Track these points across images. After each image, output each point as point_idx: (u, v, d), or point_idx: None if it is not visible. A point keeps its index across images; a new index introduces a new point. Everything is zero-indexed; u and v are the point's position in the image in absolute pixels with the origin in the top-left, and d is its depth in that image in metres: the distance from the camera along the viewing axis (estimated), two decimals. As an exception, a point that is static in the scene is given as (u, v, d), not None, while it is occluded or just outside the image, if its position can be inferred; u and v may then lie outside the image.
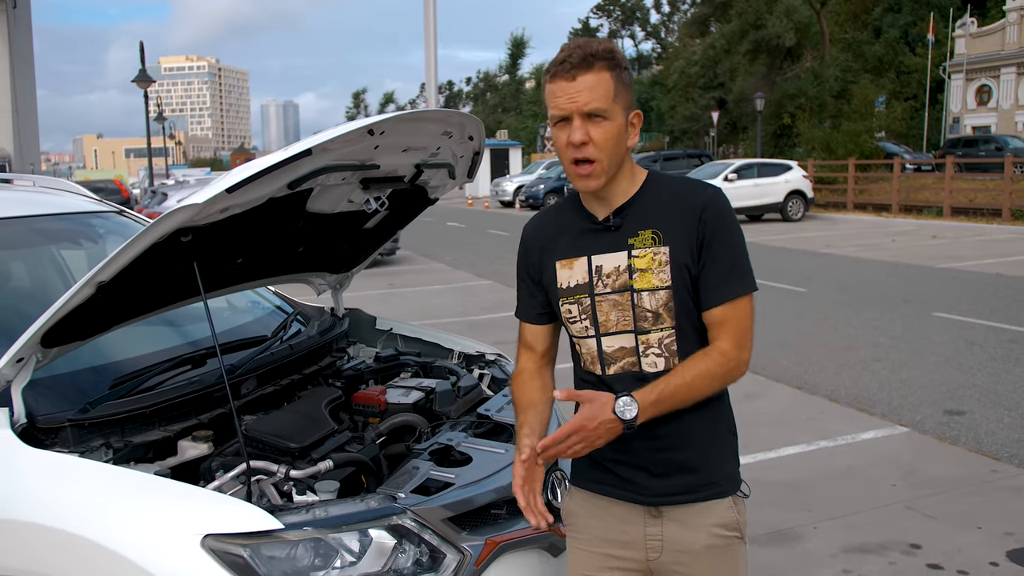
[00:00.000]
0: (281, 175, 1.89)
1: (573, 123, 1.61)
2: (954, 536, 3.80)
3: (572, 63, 1.60)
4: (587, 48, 1.61)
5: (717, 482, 1.76)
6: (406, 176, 2.50)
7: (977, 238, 16.55)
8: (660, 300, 1.67)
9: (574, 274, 1.73)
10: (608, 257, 1.70)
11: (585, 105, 1.59)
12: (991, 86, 38.24)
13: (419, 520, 1.91)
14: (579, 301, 1.73)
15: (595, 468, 1.81)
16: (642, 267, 1.67)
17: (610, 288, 1.70)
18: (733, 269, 1.67)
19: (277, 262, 2.74)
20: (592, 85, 1.59)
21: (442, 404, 2.66)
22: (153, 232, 1.80)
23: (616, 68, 1.62)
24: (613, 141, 1.62)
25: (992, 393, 5.99)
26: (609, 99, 1.60)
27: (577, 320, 1.74)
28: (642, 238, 1.68)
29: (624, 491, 1.77)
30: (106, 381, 2.30)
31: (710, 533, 1.74)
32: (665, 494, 1.74)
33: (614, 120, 1.62)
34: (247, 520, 1.75)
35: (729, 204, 1.71)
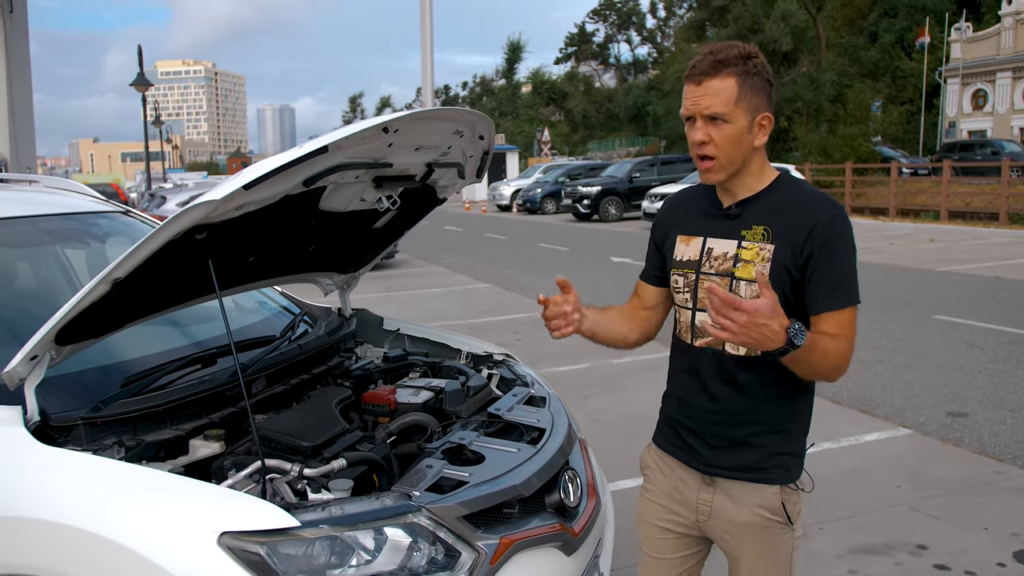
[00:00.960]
0: (297, 172, 1.89)
1: (696, 124, 1.76)
2: (960, 537, 3.80)
3: (700, 69, 1.74)
4: (718, 55, 1.74)
5: (767, 468, 1.88)
6: (417, 175, 2.50)
7: (974, 242, 16.59)
8: (755, 292, 1.75)
9: (689, 250, 1.90)
10: (720, 242, 1.85)
11: (706, 109, 1.74)
12: (987, 90, 38.38)
13: (434, 518, 1.90)
14: (686, 275, 1.90)
15: (667, 428, 2.03)
16: (747, 258, 1.80)
17: (714, 270, 1.84)
18: (843, 282, 1.76)
19: (287, 261, 2.73)
20: (716, 90, 1.72)
21: (452, 404, 2.65)
22: (170, 229, 1.80)
23: (745, 74, 1.73)
24: (732, 142, 1.75)
25: (994, 395, 6.00)
26: (731, 104, 1.73)
27: (681, 291, 1.92)
28: (754, 232, 1.81)
29: (685, 455, 1.96)
30: (117, 380, 2.30)
31: (752, 511, 1.89)
32: (718, 466, 1.91)
33: (735, 123, 1.74)
34: (264, 518, 1.75)
35: (848, 224, 1.79)
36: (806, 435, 1.96)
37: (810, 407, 1.95)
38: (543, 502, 2.21)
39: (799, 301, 1.79)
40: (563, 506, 2.24)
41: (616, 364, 6.96)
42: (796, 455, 1.92)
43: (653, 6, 67.72)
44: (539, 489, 2.19)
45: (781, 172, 1.86)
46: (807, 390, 1.92)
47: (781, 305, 1.71)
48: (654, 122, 52.35)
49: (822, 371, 1.74)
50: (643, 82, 64.43)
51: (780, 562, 1.95)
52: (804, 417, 1.94)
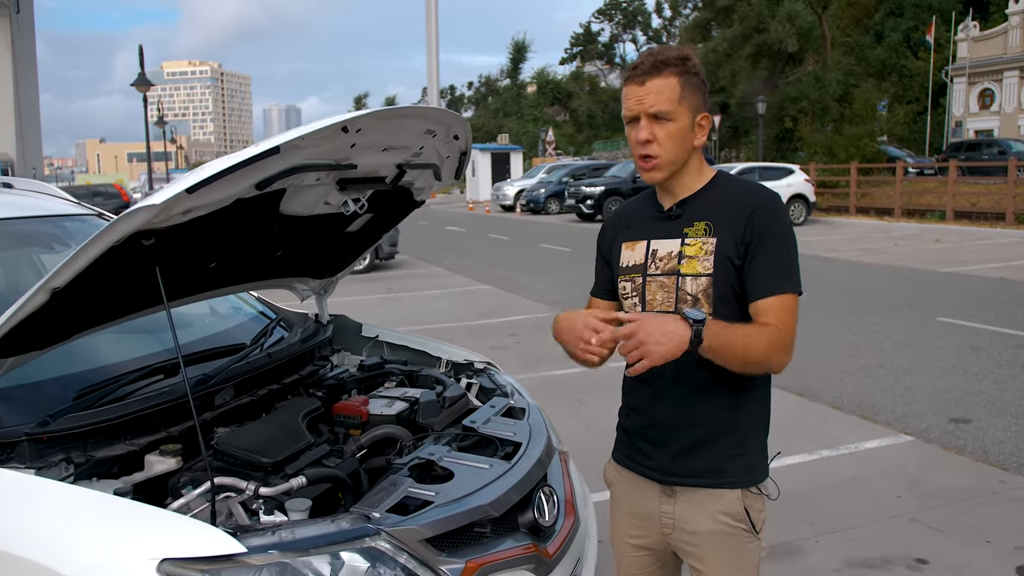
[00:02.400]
0: (247, 174, 1.77)
1: (640, 123, 1.78)
2: (962, 551, 3.68)
3: (643, 69, 1.77)
4: (659, 56, 1.77)
5: (726, 472, 1.85)
6: (388, 177, 2.38)
7: (980, 242, 16.42)
8: (700, 286, 1.79)
9: (634, 255, 1.91)
10: (664, 243, 1.86)
11: (650, 107, 1.76)
12: (994, 90, 38.12)
13: (395, 542, 1.79)
14: (633, 279, 1.90)
15: (624, 441, 2.01)
16: (690, 254, 1.81)
17: (660, 270, 1.85)
18: (780, 268, 1.77)
19: (255, 267, 2.62)
20: (659, 89, 1.75)
21: (426, 416, 2.54)
22: (109, 235, 1.69)
23: (685, 74, 1.77)
24: (675, 140, 1.78)
25: (999, 400, 5.87)
26: (673, 102, 1.76)
27: (629, 296, 1.92)
28: (696, 228, 1.82)
29: (644, 467, 1.94)
30: (71, 392, 2.19)
31: (714, 519, 1.86)
32: (678, 474, 1.88)
33: (678, 121, 1.77)
34: (207, 543, 1.64)
35: (783, 209, 1.83)
36: (766, 435, 1.93)
37: (767, 405, 1.93)
38: (516, 521, 2.10)
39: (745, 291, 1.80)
40: (537, 526, 2.13)
41: (614, 368, 6.83)
42: (755, 458, 1.90)
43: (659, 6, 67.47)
44: (513, 507, 2.08)
45: (718, 171, 1.89)
46: (762, 386, 1.90)
47: (731, 297, 1.79)
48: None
49: (754, 358, 1.72)
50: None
51: (746, 573, 1.91)
52: (761, 415, 1.92)
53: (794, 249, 1.81)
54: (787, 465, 4.73)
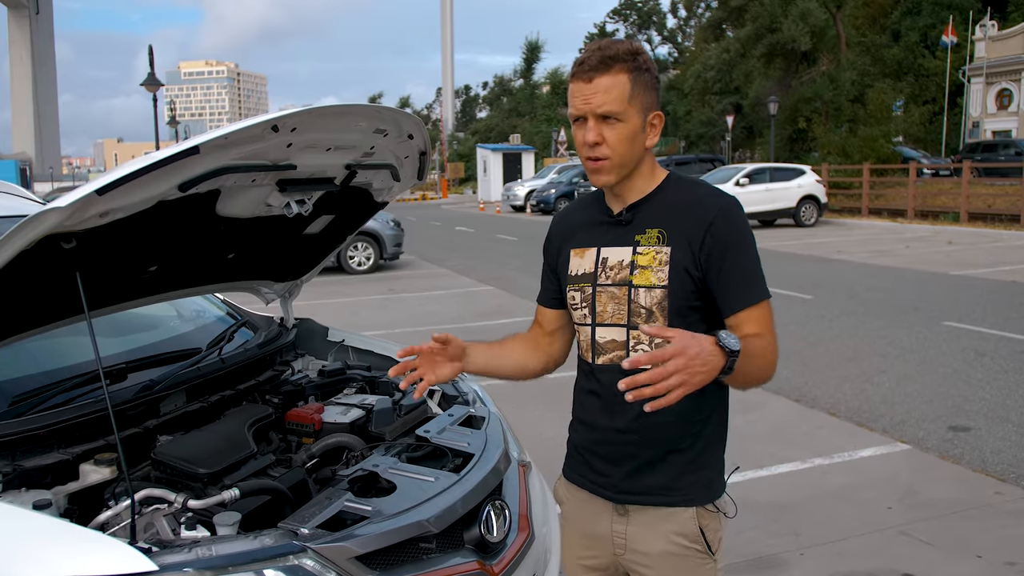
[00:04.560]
0: (166, 176, 1.69)
1: (588, 123, 1.66)
2: (951, 565, 3.55)
3: (590, 65, 1.64)
4: (607, 50, 1.64)
5: (681, 489, 1.76)
6: (337, 178, 2.30)
7: (994, 244, 16.16)
8: (655, 298, 1.69)
9: (583, 263, 1.80)
10: (614, 250, 1.75)
11: (598, 107, 1.63)
12: (1012, 90, 37.64)
13: (321, 560, 1.70)
14: (582, 289, 1.79)
15: (574, 458, 1.90)
16: (643, 264, 1.71)
17: (611, 280, 1.74)
18: (752, 276, 1.68)
19: (205, 270, 2.54)
20: (607, 87, 1.62)
21: (379, 424, 2.45)
22: (18, 239, 1.61)
23: (636, 70, 1.64)
24: (626, 142, 1.66)
25: (1001, 408, 5.72)
26: (623, 102, 1.63)
27: (578, 307, 1.80)
28: (648, 236, 1.72)
29: (595, 485, 1.84)
30: (7, 398, 2.13)
31: (668, 539, 1.77)
32: (631, 492, 1.79)
33: (628, 122, 1.65)
34: (116, 561, 1.55)
35: (742, 214, 1.72)
36: (723, 450, 1.83)
37: (725, 417, 1.83)
38: (462, 537, 2.01)
39: (705, 303, 1.70)
40: (484, 542, 2.04)
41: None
42: (712, 473, 1.79)
43: (674, 6, 67.18)
44: (458, 522, 1.99)
45: (669, 172, 1.78)
46: (722, 398, 1.81)
47: (687, 310, 1.69)
48: (673, 122, 51.89)
49: (757, 376, 1.62)
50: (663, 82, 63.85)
51: None
52: (720, 428, 1.82)
53: (757, 252, 1.71)
54: (778, 474, 4.63)
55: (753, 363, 1.56)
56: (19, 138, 48.18)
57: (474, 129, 67.55)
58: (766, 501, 4.19)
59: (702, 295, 1.69)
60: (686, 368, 1.39)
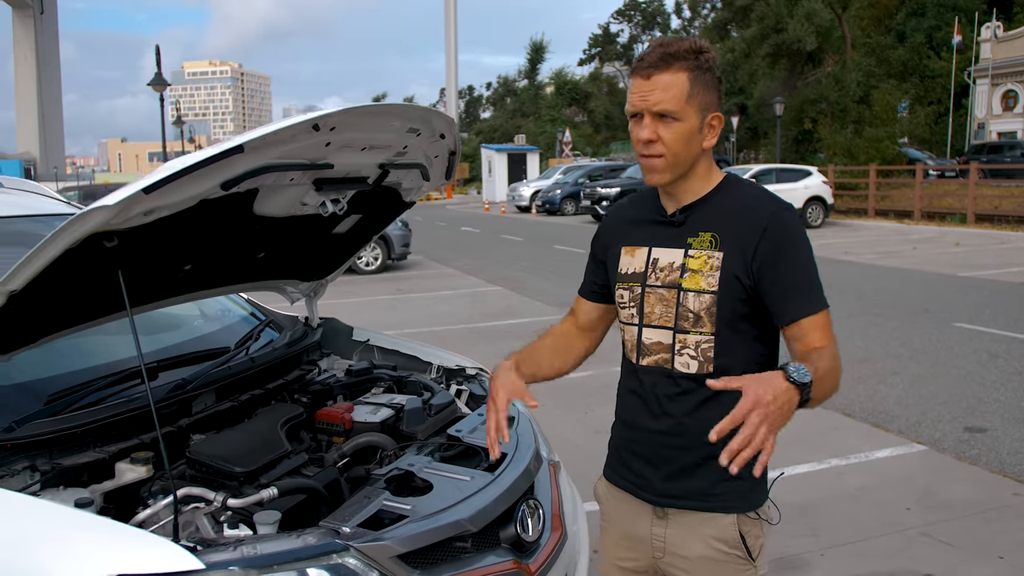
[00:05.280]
0: (210, 174, 1.70)
1: (644, 121, 1.63)
2: (972, 567, 3.55)
3: (649, 62, 1.61)
4: (668, 47, 1.61)
5: (720, 495, 1.74)
6: (370, 177, 2.30)
7: (1001, 246, 16.13)
8: (704, 303, 1.66)
9: (634, 262, 1.78)
10: (666, 251, 1.73)
11: (655, 105, 1.61)
12: (1017, 91, 37.55)
13: (363, 558, 1.71)
14: (631, 288, 1.77)
15: (616, 458, 1.90)
16: (694, 268, 1.68)
17: (660, 282, 1.72)
18: (810, 284, 1.65)
19: (236, 269, 2.55)
20: (665, 85, 1.60)
21: (410, 423, 2.46)
22: (64, 237, 1.62)
23: (696, 69, 1.61)
24: (681, 141, 1.63)
25: (1016, 409, 5.71)
26: (681, 100, 1.60)
27: (626, 306, 1.79)
28: (701, 239, 1.69)
29: (636, 487, 1.83)
30: (43, 397, 2.13)
31: (707, 544, 1.75)
32: (671, 496, 1.77)
33: (685, 121, 1.62)
34: (163, 559, 1.56)
35: (797, 222, 1.69)
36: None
37: None
38: (498, 536, 2.02)
39: (756, 311, 1.67)
40: (520, 541, 2.04)
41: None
42: (753, 482, 1.73)
43: (678, 7, 67.17)
44: (494, 522, 2.00)
45: (728, 174, 1.75)
46: None
47: (736, 318, 1.66)
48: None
49: (829, 393, 1.56)
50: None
51: None
52: None
53: (813, 259, 1.67)
54: (795, 475, 4.61)
55: (825, 383, 1.50)
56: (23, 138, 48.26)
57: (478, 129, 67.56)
58: (782, 502, 4.15)
59: (752, 303, 1.66)
60: (767, 419, 1.35)
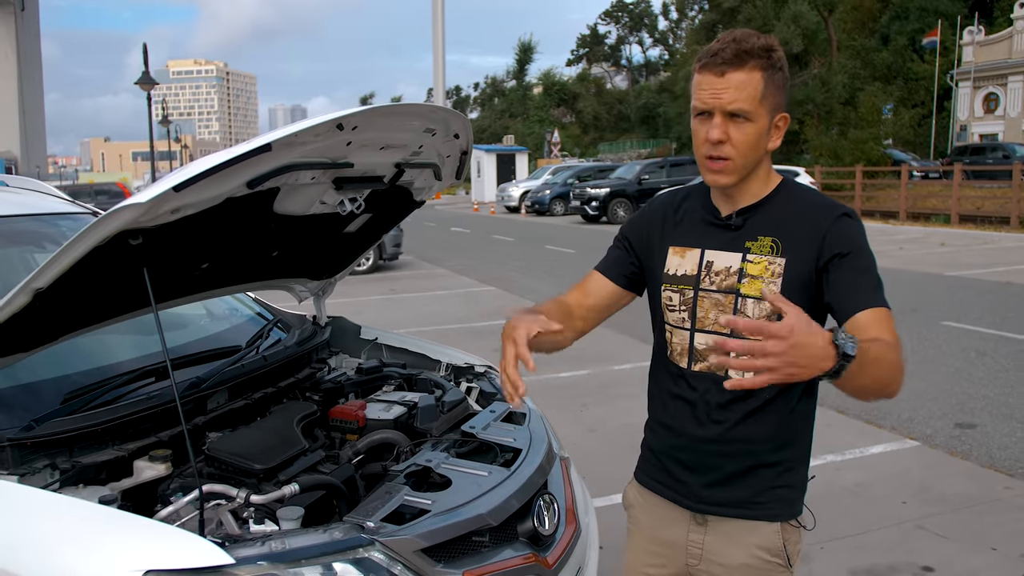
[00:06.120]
0: (238, 172, 1.72)
1: (714, 119, 1.56)
2: (968, 558, 3.62)
3: (723, 58, 1.54)
4: (743, 44, 1.54)
5: (765, 503, 1.71)
6: (386, 176, 2.33)
7: (985, 246, 16.32)
8: (764, 311, 1.60)
9: (684, 263, 1.70)
10: (722, 255, 1.66)
11: (729, 104, 1.54)
12: (998, 94, 38.00)
13: (389, 552, 1.73)
14: (682, 291, 1.70)
15: (652, 462, 1.83)
16: (754, 273, 1.62)
17: (716, 286, 1.66)
18: (871, 286, 1.56)
19: (250, 267, 2.57)
20: (740, 84, 1.53)
21: (424, 420, 2.48)
22: (93, 235, 1.64)
23: (770, 68, 1.55)
24: (752, 143, 1.57)
25: (1004, 405, 5.80)
26: (755, 100, 1.54)
27: (676, 309, 1.71)
28: (760, 244, 1.63)
29: (674, 492, 1.78)
30: (60, 395, 2.14)
31: (750, 553, 1.72)
32: (713, 503, 1.73)
33: (757, 122, 1.56)
34: (193, 554, 1.58)
35: (859, 224, 1.62)
36: (807, 467, 1.78)
37: (811, 435, 1.77)
38: (515, 530, 2.05)
39: (816, 319, 1.57)
40: (537, 535, 2.07)
41: (617, 371, 6.79)
42: (797, 488, 1.74)
43: (665, 8, 67.49)
44: (512, 516, 2.03)
45: (784, 177, 1.69)
46: (811, 414, 1.75)
47: None
48: (665, 124, 52.03)
49: (877, 385, 1.43)
50: (654, 84, 64.08)
51: None
52: (807, 444, 1.77)
53: (875, 265, 1.59)
54: (791, 471, 4.67)
55: (870, 373, 1.37)
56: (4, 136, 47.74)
57: (466, 130, 67.43)
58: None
59: (814, 311, 1.58)
60: (785, 354, 1.23)
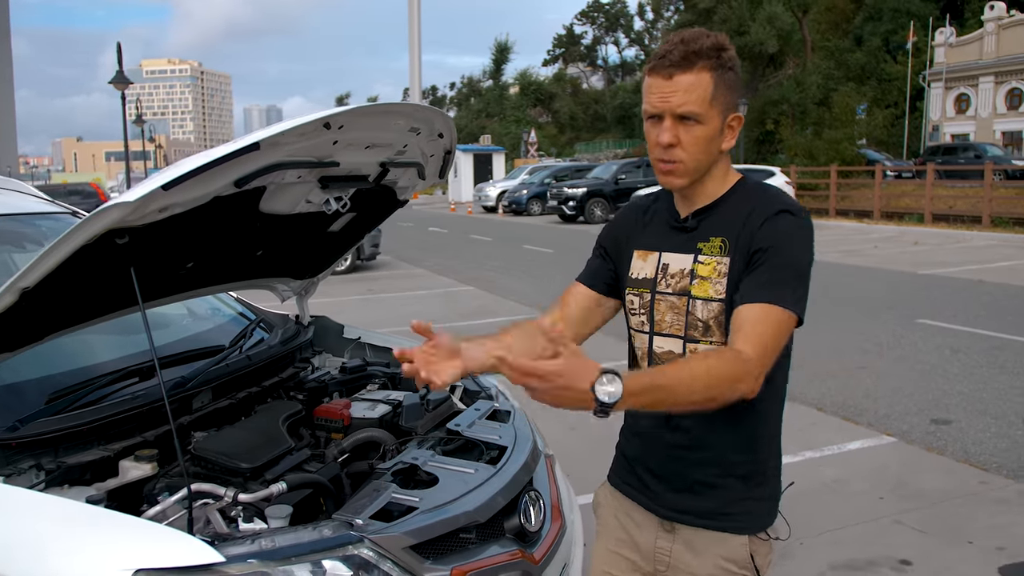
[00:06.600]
0: (226, 171, 1.72)
1: (664, 123, 1.54)
2: (944, 552, 3.68)
3: (671, 60, 1.51)
4: (691, 45, 1.51)
5: (733, 515, 1.67)
6: (370, 175, 2.33)
7: (958, 245, 16.59)
8: (712, 312, 1.59)
9: (646, 267, 1.70)
10: (677, 257, 1.66)
11: (678, 107, 1.52)
12: (969, 95, 38.59)
13: (378, 549, 1.74)
14: (641, 295, 1.70)
15: (624, 466, 1.82)
16: (703, 274, 1.61)
17: (671, 289, 1.65)
18: (779, 281, 1.50)
19: (234, 267, 2.56)
20: (688, 87, 1.51)
21: (409, 419, 2.49)
22: (80, 234, 1.63)
23: (719, 68, 1.53)
24: (703, 145, 1.55)
25: (978, 401, 5.90)
26: (705, 103, 1.52)
27: (636, 313, 1.71)
28: (711, 245, 1.61)
29: (642, 496, 1.76)
30: (43, 395, 2.13)
31: (716, 564, 1.68)
32: (680, 511, 1.70)
33: (707, 124, 1.54)
34: (183, 552, 1.58)
35: (801, 225, 1.55)
36: (780, 476, 1.74)
37: (777, 434, 1.73)
38: (502, 527, 2.06)
39: None
40: (523, 531, 2.09)
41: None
42: (767, 500, 1.70)
43: (641, 8, 67.86)
44: (498, 513, 2.04)
45: (743, 177, 1.66)
46: (778, 420, 1.71)
47: None
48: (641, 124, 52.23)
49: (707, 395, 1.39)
50: (630, 84, 64.36)
51: None
52: (777, 453, 1.73)
53: (805, 267, 1.53)
54: (771, 467, 4.73)
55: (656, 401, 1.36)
56: (-27, 136, 47.03)
57: (443, 130, 67.36)
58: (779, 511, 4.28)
59: None
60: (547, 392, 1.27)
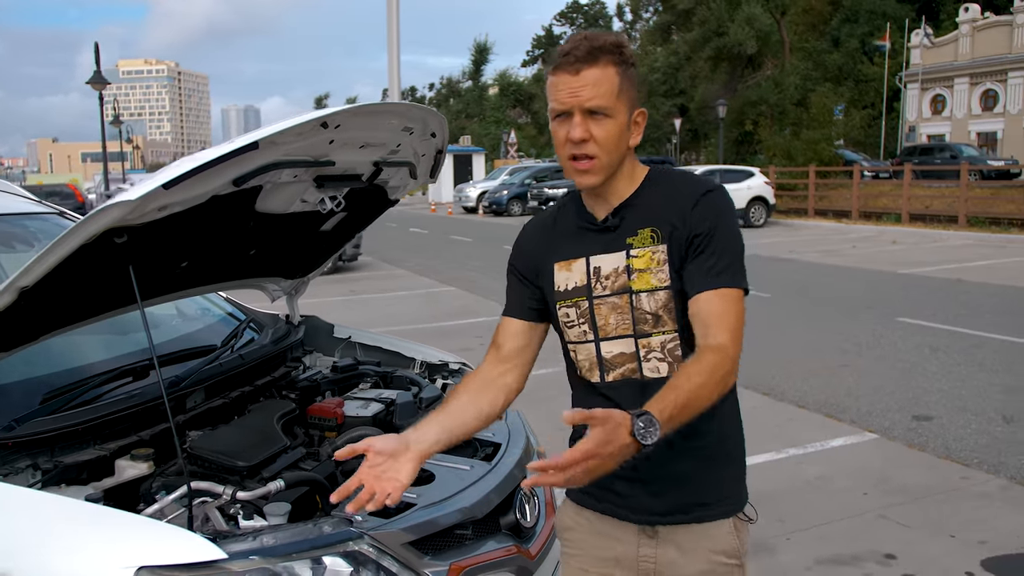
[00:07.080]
0: (225, 170, 1.73)
1: (574, 119, 1.53)
2: (928, 546, 3.74)
3: (577, 56, 1.52)
4: (594, 41, 1.53)
5: (714, 503, 1.66)
6: (364, 175, 2.34)
7: (935, 244, 16.81)
8: (660, 301, 1.58)
9: (572, 276, 1.65)
10: (607, 258, 1.62)
11: (587, 101, 1.52)
12: (945, 96, 39.04)
13: (377, 545, 1.75)
14: (577, 304, 1.64)
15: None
16: (640, 267, 1.59)
17: (609, 290, 1.61)
18: (728, 264, 1.55)
19: (227, 266, 2.56)
20: (596, 81, 1.52)
21: (403, 417, 2.50)
22: (81, 232, 1.63)
23: (623, 64, 1.54)
24: (614, 139, 1.55)
25: (958, 398, 5.99)
26: (613, 96, 1.53)
27: (575, 324, 1.65)
28: (641, 237, 1.60)
29: (617, 507, 1.68)
30: (38, 395, 2.12)
31: (708, 559, 1.66)
32: (661, 512, 1.65)
33: (616, 118, 1.54)
34: (186, 550, 1.58)
35: (728, 201, 1.62)
36: (743, 454, 1.74)
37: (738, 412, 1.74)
38: (498, 523, 2.08)
39: None
40: (519, 527, 2.11)
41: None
42: (737, 479, 1.71)
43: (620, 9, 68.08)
44: (494, 509, 2.06)
45: (650, 168, 1.66)
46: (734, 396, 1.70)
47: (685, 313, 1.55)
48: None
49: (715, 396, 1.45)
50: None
51: None
52: (740, 428, 1.73)
53: (740, 243, 1.59)
54: (755, 464, 4.77)
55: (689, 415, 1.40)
56: (-53, 137, 46.45)
57: (423, 130, 67.19)
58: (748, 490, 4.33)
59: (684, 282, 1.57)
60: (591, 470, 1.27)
